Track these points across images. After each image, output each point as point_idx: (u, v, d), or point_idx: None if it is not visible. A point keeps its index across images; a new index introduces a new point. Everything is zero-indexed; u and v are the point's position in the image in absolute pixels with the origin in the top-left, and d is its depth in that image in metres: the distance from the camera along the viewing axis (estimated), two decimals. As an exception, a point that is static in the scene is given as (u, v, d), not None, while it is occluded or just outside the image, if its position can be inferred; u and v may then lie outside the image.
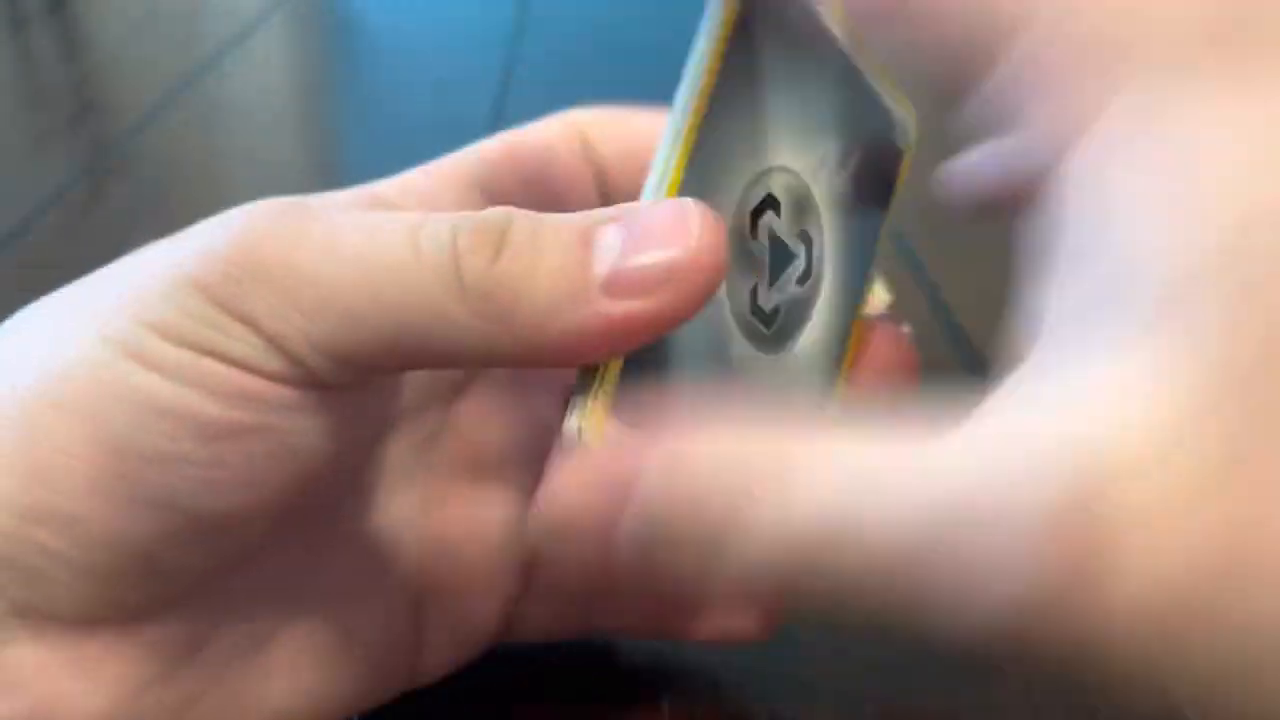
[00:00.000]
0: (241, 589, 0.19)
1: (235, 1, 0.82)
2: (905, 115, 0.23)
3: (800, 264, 0.21)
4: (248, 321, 0.16)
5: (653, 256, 0.16)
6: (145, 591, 0.17)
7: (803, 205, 0.21)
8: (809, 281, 0.21)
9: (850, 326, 0.22)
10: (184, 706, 0.19)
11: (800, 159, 0.20)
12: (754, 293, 0.20)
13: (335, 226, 0.17)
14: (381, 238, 0.16)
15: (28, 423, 0.16)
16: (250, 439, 0.17)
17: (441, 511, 0.22)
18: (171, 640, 0.18)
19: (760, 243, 0.20)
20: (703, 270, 0.16)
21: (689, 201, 0.16)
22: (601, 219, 0.17)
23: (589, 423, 0.16)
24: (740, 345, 0.19)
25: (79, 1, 0.80)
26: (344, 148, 0.56)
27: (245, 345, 0.16)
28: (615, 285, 0.16)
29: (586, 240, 0.16)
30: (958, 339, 0.40)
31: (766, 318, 0.20)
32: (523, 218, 0.17)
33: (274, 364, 0.16)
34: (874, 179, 0.23)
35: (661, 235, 0.16)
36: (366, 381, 0.18)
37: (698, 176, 0.18)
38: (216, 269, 0.16)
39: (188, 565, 0.18)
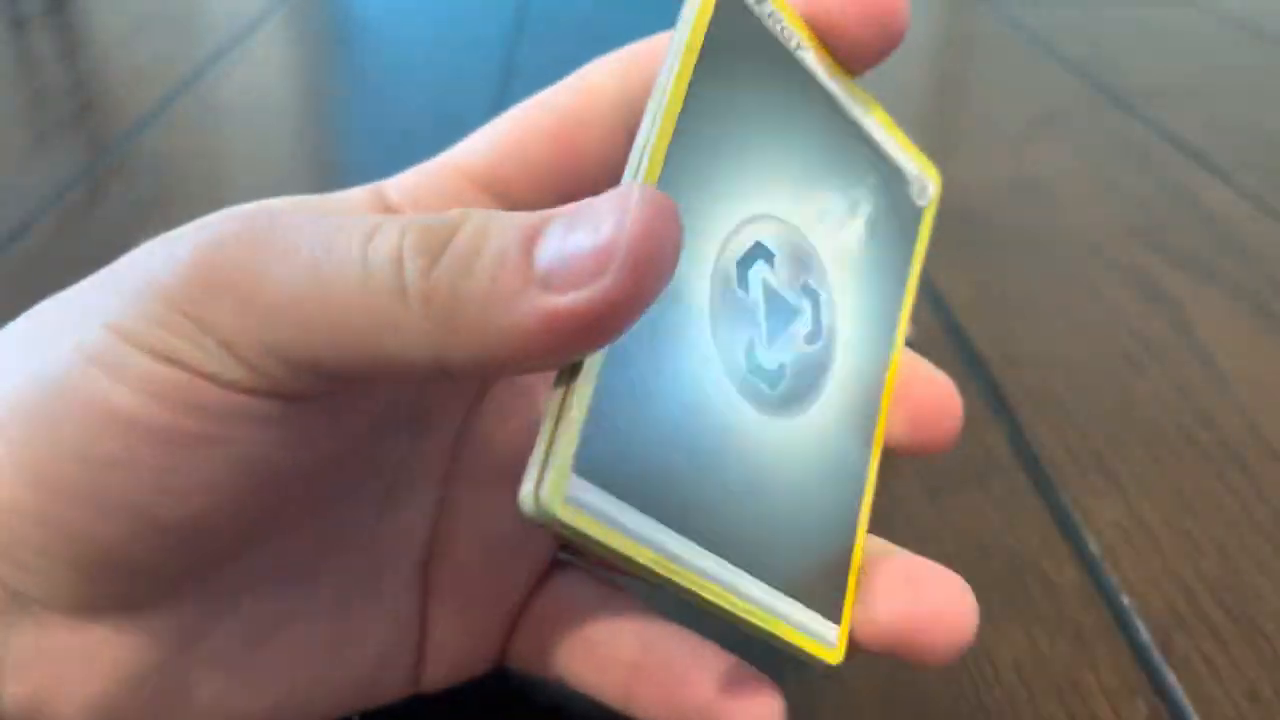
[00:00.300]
0: (244, 582, 0.19)
1: (235, 1, 0.82)
2: (922, 174, 0.22)
3: (806, 320, 0.19)
4: (206, 327, 0.16)
5: (587, 241, 0.15)
6: (131, 585, 0.18)
7: (802, 258, 0.20)
8: (820, 342, 0.20)
9: (879, 400, 0.21)
10: (183, 695, 0.19)
11: (794, 210, 0.20)
12: (750, 349, 0.18)
13: (295, 232, 0.16)
14: (335, 244, 0.16)
15: (2, 425, 0.16)
16: (208, 449, 0.16)
17: (454, 515, 0.22)
18: (171, 630, 0.18)
19: (751, 295, 0.19)
20: (642, 251, 0.15)
21: (632, 184, 0.15)
22: (552, 214, 0.16)
23: (545, 489, 0.15)
24: (738, 406, 0.18)
25: (79, 1, 0.80)
26: (344, 148, 0.55)
27: (204, 352, 0.16)
28: (553, 277, 0.15)
29: (530, 235, 0.15)
30: (958, 339, 0.40)
31: (770, 377, 0.19)
32: (475, 217, 0.16)
33: (232, 372, 0.16)
34: (890, 238, 0.22)
35: (597, 219, 0.15)
36: (338, 390, 0.17)
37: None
38: (181, 275, 0.16)
39: (164, 565, 0.17)
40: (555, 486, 0.15)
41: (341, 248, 0.16)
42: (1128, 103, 0.66)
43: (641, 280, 0.15)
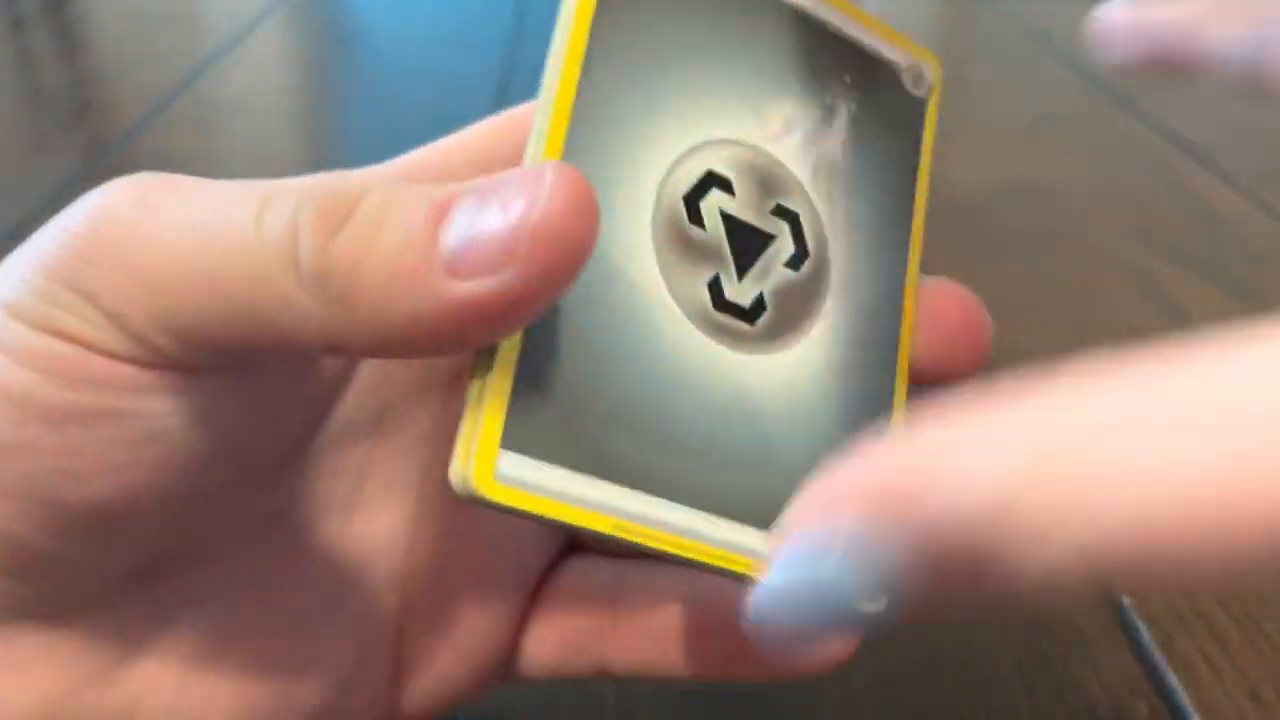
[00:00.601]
0: (191, 593, 0.18)
1: (235, 1, 0.82)
2: (916, 61, 0.21)
3: (785, 245, 0.18)
4: (90, 298, 0.15)
5: (496, 224, 0.14)
6: (58, 584, 0.17)
7: (770, 179, 0.18)
8: (807, 263, 0.18)
9: (900, 302, 0.20)
10: (122, 714, 0.18)
11: (750, 129, 0.18)
12: (715, 287, 0.17)
13: (188, 198, 0.15)
14: (228, 211, 0.15)
15: None
16: (102, 424, 0.15)
17: (432, 523, 0.20)
18: (107, 641, 0.18)
19: (708, 229, 0.17)
20: (554, 238, 0.14)
21: (548, 163, 0.14)
22: (463, 190, 0.15)
23: (472, 469, 0.14)
24: (705, 348, 0.17)
25: (79, 1, 0.80)
26: (344, 148, 0.55)
27: (86, 323, 0.15)
28: (458, 263, 0.14)
29: (438, 213, 0.14)
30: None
31: (746, 313, 0.17)
32: (378, 190, 0.15)
33: (117, 342, 0.15)
34: (885, 137, 0.20)
35: (507, 200, 0.14)
36: (236, 365, 0.16)
37: (584, 155, 0.16)
38: (64, 244, 0.15)
39: (83, 559, 0.17)
40: (482, 466, 0.14)
41: (235, 215, 0.15)
42: (1128, 102, 0.66)
43: (551, 269, 0.14)
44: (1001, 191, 0.53)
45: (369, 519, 0.20)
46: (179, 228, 0.15)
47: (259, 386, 0.17)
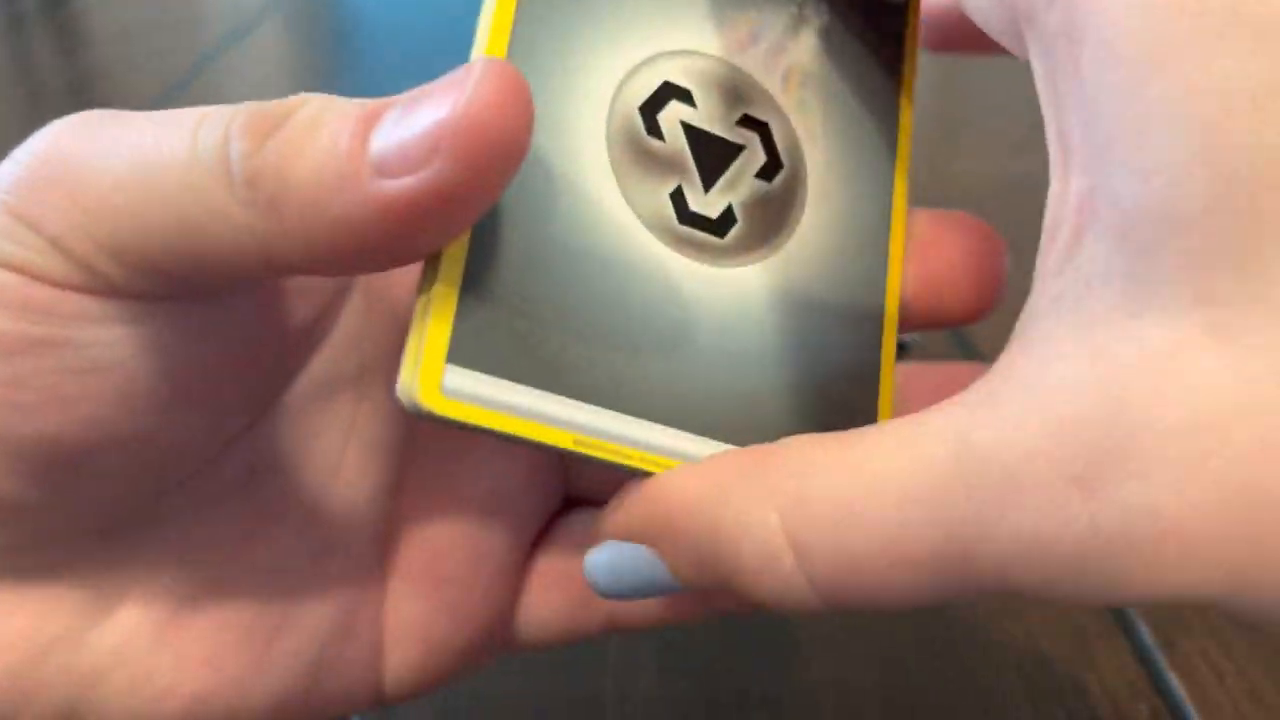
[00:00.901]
0: (164, 549, 0.18)
1: (235, 1, 0.82)
2: None
3: (755, 155, 0.18)
4: (33, 225, 0.15)
5: (423, 123, 0.14)
6: (21, 535, 0.17)
7: (736, 89, 0.18)
8: (781, 173, 0.18)
9: (888, 214, 0.19)
10: (94, 679, 0.18)
11: (711, 39, 0.18)
12: (679, 198, 0.17)
13: (131, 125, 0.15)
14: (168, 130, 0.15)
15: None
16: (48, 354, 0.15)
17: (421, 483, 0.20)
18: (81, 597, 0.17)
19: (669, 141, 0.17)
20: (481, 129, 0.14)
21: (479, 59, 0.14)
22: (396, 98, 0.15)
23: (418, 382, 0.14)
24: (669, 261, 0.17)
25: (78, 0, 0.80)
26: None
27: (34, 252, 0.15)
28: (386, 162, 0.14)
29: (368, 119, 0.14)
30: (959, 340, 0.40)
31: (714, 225, 0.17)
32: (316, 99, 0.15)
33: (59, 268, 0.15)
34: (863, 45, 0.19)
35: (436, 100, 0.14)
36: (181, 293, 0.16)
37: (527, 66, 0.16)
38: (13, 175, 0.15)
39: (44, 505, 0.16)
40: (427, 379, 0.14)
41: (173, 134, 0.15)
42: (1128, 102, 0.66)
43: (480, 162, 0.14)
44: (1002, 190, 0.53)
45: (353, 479, 0.20)
46: (120, 152, 0.15)
47: (219, 324, 0.17)
